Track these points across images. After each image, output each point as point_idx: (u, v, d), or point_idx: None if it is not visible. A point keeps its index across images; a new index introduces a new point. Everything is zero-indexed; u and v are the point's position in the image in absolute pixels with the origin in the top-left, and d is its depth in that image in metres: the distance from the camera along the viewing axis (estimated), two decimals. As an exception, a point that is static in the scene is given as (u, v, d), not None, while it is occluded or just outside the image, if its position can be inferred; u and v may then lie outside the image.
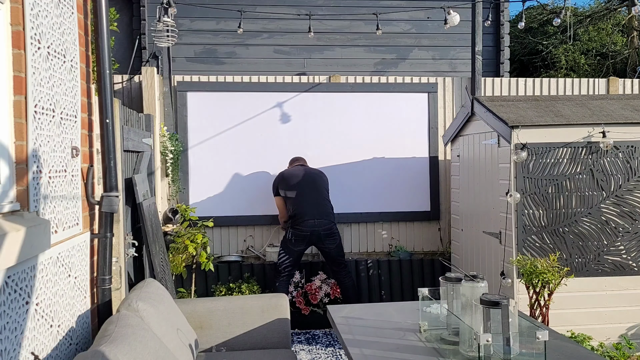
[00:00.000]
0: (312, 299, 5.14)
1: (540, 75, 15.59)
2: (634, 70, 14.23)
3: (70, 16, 2.55)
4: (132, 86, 5.66)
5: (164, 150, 5.33)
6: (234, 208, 5.61)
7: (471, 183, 4.72)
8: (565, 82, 6.10)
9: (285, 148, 5.65)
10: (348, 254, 5.77)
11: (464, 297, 2.39)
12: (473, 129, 4.66)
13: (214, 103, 5.60)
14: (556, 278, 3.44)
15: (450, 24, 5.44)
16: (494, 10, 7.29)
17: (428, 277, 5.54)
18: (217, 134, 5.60)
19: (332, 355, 4.54)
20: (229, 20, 6.90)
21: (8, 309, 1.82)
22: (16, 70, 2.01)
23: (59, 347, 2.27)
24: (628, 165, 3.96)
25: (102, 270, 2.79)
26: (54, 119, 2.31)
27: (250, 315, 3.35)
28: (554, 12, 14.71)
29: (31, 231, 1.92)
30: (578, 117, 4.03)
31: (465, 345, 2.31)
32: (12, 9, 2.00)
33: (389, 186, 5.78)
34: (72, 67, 2.55)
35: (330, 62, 7.15)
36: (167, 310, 2.81)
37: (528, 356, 2.19)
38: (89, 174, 2.72)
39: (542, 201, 3.93)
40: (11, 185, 1.97)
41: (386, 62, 7.26)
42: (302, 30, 6.50)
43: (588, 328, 3.88)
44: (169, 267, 4.71)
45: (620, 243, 3.97)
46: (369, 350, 2.42)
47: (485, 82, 5.96)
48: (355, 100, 5.77)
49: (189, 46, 6.97)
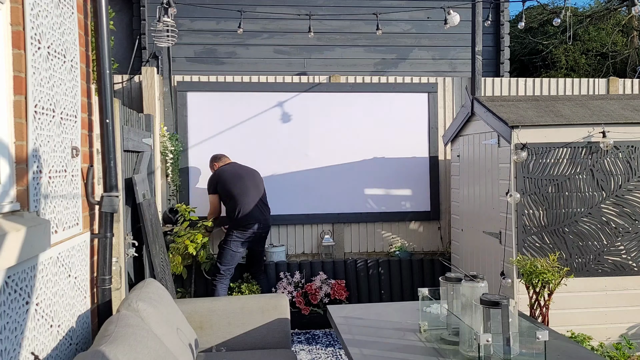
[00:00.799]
0: (312, 299, 5.14)
1: (540, 75, 15.59)
2: (634, 70, 14.23)
3: (71, 16, 2.55)
4: (132, 86, 5.66)
5: (164, 150, 5.33)
6: (234, 208, 5.59)
7: (471, 183, 4.72)
8: (565, 82, 6.10)
9: (285, 148, 5.65)
10: (348, 254, 5.78)
11: (464, 297, 2.39)
12: (473, 129, 4.66)
13: (214, 103, 5.60)
14: (556, 278, 3.44)
15: (450, 24, 5.44)
16: (494, 11, 7.29)
17: (428, 277, 5.53)
18: (217, 134, 5.60)
19: (332, 355, 4.54)
20: (229, 20, 6.90)
21: (8, 309, 1.82)
22: (16, 70, 2.01)
23: (59, 347, 2.27)
24: (628, 165, 3.96)
25: (102, 270, 2.79)
26: (54, 119, 2.31)
27: (250, 315, 3.35)
28: (554, 12, 14.72)
29: (31, 231, 1.92)
30: (578, 117, 4.03)
31: (465, 345, 2.31)
32: (12, 9, 2.00)
33: (389, 186, 5.78)
34: (72, 67, 2.55)
35: (330, 62, 7.15)
36: (167, 310, 2.81)
37: (528, 356, 2.19)
38: (89, 174, 2.72)
39: (542, 201, 3.93)
40: (11, 185, 1.97)
41: (386, 62, 7.26)
42: (302, 30, 6.50)
43: (588, 328, 3.88)
44: (169, 267, 4.71)
45: (620, 243, 3.97)
46: (369, 350, 2.42)
47: (485, 82, 5.96)
48: (355, 100, 5.77)
49: (189, 46, 6.97)
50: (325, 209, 5.71)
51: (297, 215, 5.68)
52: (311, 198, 5.54)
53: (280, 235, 5.74)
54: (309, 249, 5.76)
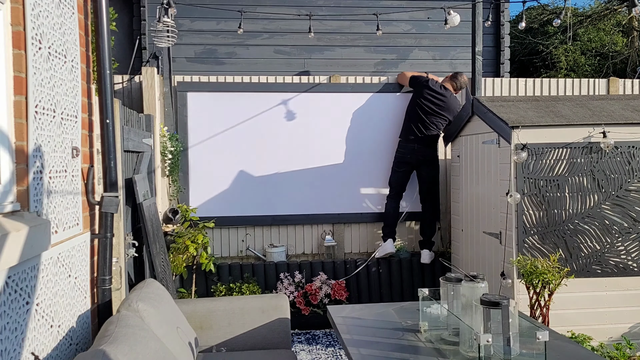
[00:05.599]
0: (313, 299, 5.14)
1: (541, 75, 15.59)
2: (634, 71, 14.23)
3: (71, 16, 2.55)
4: (132, 86, 5.66)
5: (164, 150, 5.33)
6: (234, 208, 5.60)
7: (471, 183, 4.72)
8: (566, 82, 6.10)
9: (285, 148, 5.65)
10: (348, 254, 5.78)
11: (464, 297, 2.39)
12: (473, 129, 4.66)
13: (214, 103, 5.60)
14: (556, 278, 3.44)
15: (451, 24, 5.44)
16: (494, 11, 7.29)
17: (428, 277, 5.53)
18: (217, 134, 5.60)
19: (332, 356, 4.54)
20: (229, 21, 6.90)
21: (8, 309, 1.82)
22: (17, 71, 2.01)
23: (59, 347, 2.27)
24: (628, 165, 3.96)
25: (102, 270, 2.79)
26: (54, 119, 2.31)
27: (251, 315, 3.35)
28: (554, 12, 14.72)
29: (32, 231, 1.92)
30: (578, 117, 4.03)
31: (465, 346, 2.31)
32: (12, 9, 2.00)
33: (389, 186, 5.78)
34: (73, 67, 2.55)
35: (330, 63, 7.15)
36: (168, 310, 2.81)
37: (528, 356, 2.19)
38: (90, 174, 2.72)
39: (542, 201, 3.93)
40: (12, 186, 1.97)
41: (386, 63, 7.26)
42: (302, 31, 6.50)
43: (588, 328, 3.88)
44: (170, 267, 4.71)
45: (620, 243, 3.97)
46: (369, 351, 2.42)
47: (485, 82, 5.96)
48: (355, 100, 5.77)
49: (189, 46, 6.97)
50: (325, 209, 5.71)
51: (297, 215, 5.68)
52: (311, 198, 5.53)
53: (280, 235, 5.74)
54: (309, 249, 5.75)
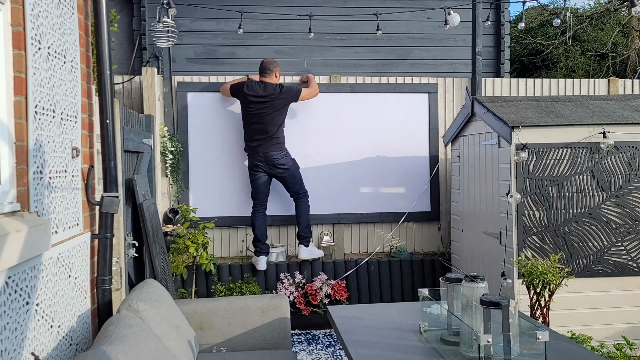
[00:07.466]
0: (313, 299, 5.14)
1: (541, 75, 15.59)
2: (634, 71, 14.23)
3: (71, 17, 2.55)
4: (132, 87, 5.66)
5: (164, 150, 5.33)
6: (235, 208, 5.60)
7: (471, 183, 4.72)
8: (566, 82, 6.10)
9: (285, 148, 5.64)
10: (348, 254, 5.77)
11: (464, 297, 2.39)
12: (473, 130, 4.66)
13: (215, 103, 5.60)
14: (557, 279, 3.43)
15: (451, 24, 5.44)
16: (494, 11, 7.28)
17: (428, 277, 5.53)
18: (217, 134, 5.59)
19: (332, 356, 4.54)
20: (230, 21, 6.89)
21: (8, 310, 1.82)
22: (16, 71, 2.01)
23: (59, 347, 2.27)
24: (629, 165, 3.96)
25: (102, 270, 2.79)
26: (54, 120, 2.31)
27: (251, 315, 3.35)
28: (554, 12, 14.71)
29: (31, 231, 1.92)
30: (578, 117, 4.03)
31: (465, 346, 2.31)
32: (12, 10, 2.00)
33: (389, 186, 5.77)
34: (73, 67, 2.55)
35: (330, 63, 7.14)
36: (168, 310, 2.81)
37: (528, 357, 2.19)
38: (90, 174, 2.72)
39: (542, 202, 3.93)
40: (12, 186, 1.97)
41: (386, 63, 7.25)
42: (302, 31, 6.49)
43: (589, 328, 3.88)
44: (170, 267, 4.71)
45: (620, 244, 3.96)
46: (369, 351, 2.42)
47: (485, 82, 5.96)
48: (355, 100, 5.77)
49: (189, 47, 6.97)
50: (325, 209, 5.71)
51: (297, 215, 5.67)
52: (311, 198, 5.52)
53: (280, 235, 5.74)
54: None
